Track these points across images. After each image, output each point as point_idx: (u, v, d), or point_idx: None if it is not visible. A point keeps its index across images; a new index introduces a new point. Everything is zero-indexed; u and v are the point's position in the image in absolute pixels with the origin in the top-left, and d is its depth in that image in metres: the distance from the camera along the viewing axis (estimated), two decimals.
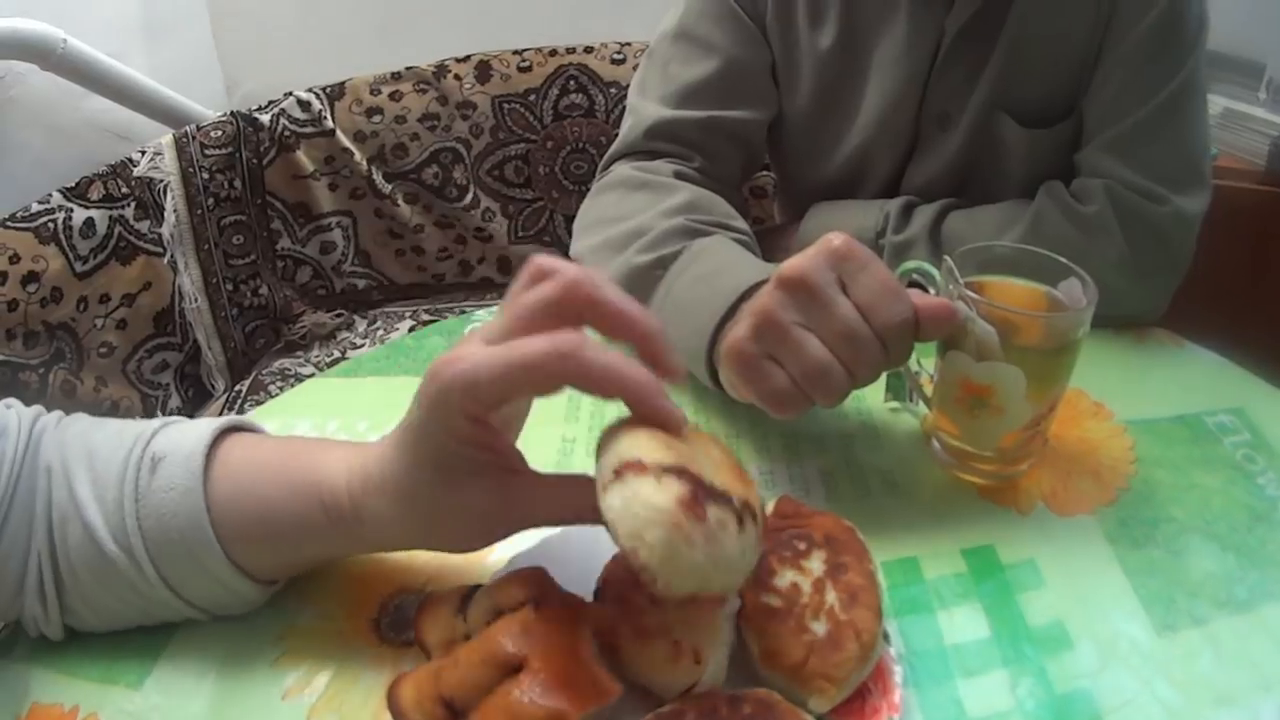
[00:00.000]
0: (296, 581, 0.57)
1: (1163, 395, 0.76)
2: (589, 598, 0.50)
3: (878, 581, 0.52)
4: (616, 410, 0.45)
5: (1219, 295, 1.35)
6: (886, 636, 0.52)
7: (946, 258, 0.61)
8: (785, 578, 0.51)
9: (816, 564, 0.52)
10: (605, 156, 0.95)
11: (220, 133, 1.44)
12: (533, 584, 0.48)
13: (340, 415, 0.75)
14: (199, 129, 1.43)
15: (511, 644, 0.45)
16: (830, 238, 0.58)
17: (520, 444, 0.52)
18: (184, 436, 0.53)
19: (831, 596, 0.50)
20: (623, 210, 0.82)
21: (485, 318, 0.88)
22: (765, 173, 1.45)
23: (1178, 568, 0.60)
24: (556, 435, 0.72)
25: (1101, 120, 0.86)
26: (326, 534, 0.50)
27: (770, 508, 0.56)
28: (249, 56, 2.00)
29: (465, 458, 0.46)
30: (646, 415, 0.44)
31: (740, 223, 0.81)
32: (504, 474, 0.48)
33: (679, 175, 0.87)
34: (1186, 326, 0.86)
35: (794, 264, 0.57)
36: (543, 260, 0.46)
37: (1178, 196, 0.82)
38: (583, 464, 0.69)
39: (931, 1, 0.87)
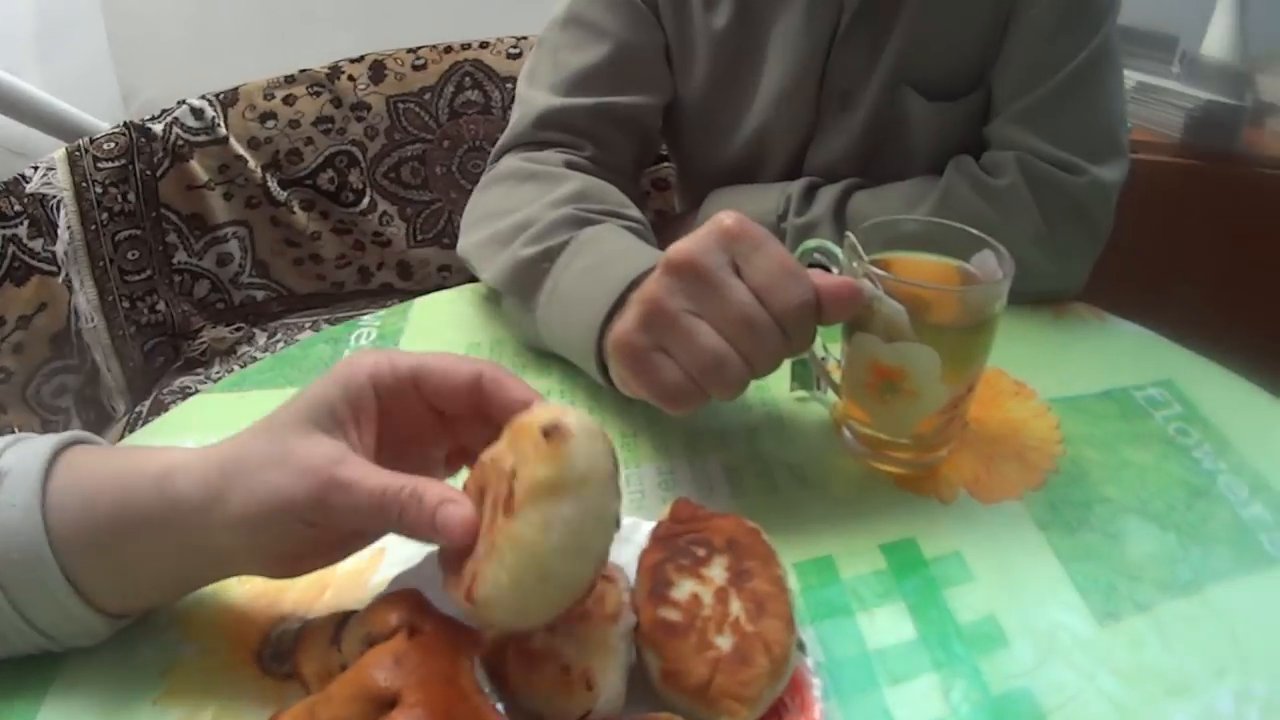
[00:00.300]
0: (179, 614, 0.54)
1: (1087, 371, 0.74)
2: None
3: (787, 587, 0.48)
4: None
5: (1136, 268, 1.36)
6: (802, 646, 0.47)
7: (849, 234, 0.57)
8: (684, 589, 0.47)
9: (718, 572, 0.47)
10: (495, 149, 0.91)
11: (113, 145, 1.39)
12: (406, 608, 0.44)
13: (225, 432, 0.70)
14: (92, 142, 1.39)
15: (383, 677, 0.41)
16: (721, 217, 0.54)
17: None
18: (28, 452, 0.50)
19: (736, 607, 0.46)
20: (510, 203, 0.79)
21: (374, 324, 0.84)
22: (667, 164, 1.44)
23: (1115, 551, 0.57)
24: None
25: (1012, 92, 0.84)
26: (158, 525, 0.47)
27: (666, 512, 0.52)
28: (146, 64, 1.98)
29: (335, 416, 0.46)
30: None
31: (633, 211, 0.77)
32: (355, 451, 0.46)
33: (570, 165, 0.84)
34: (1104, 300, 0.84)
35: (682, 246, 0.53)
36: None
37: (1094, 166, 0.81)
38: None
39: None
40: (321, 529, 0.45)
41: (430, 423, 0.50)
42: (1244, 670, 0.50)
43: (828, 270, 0.60)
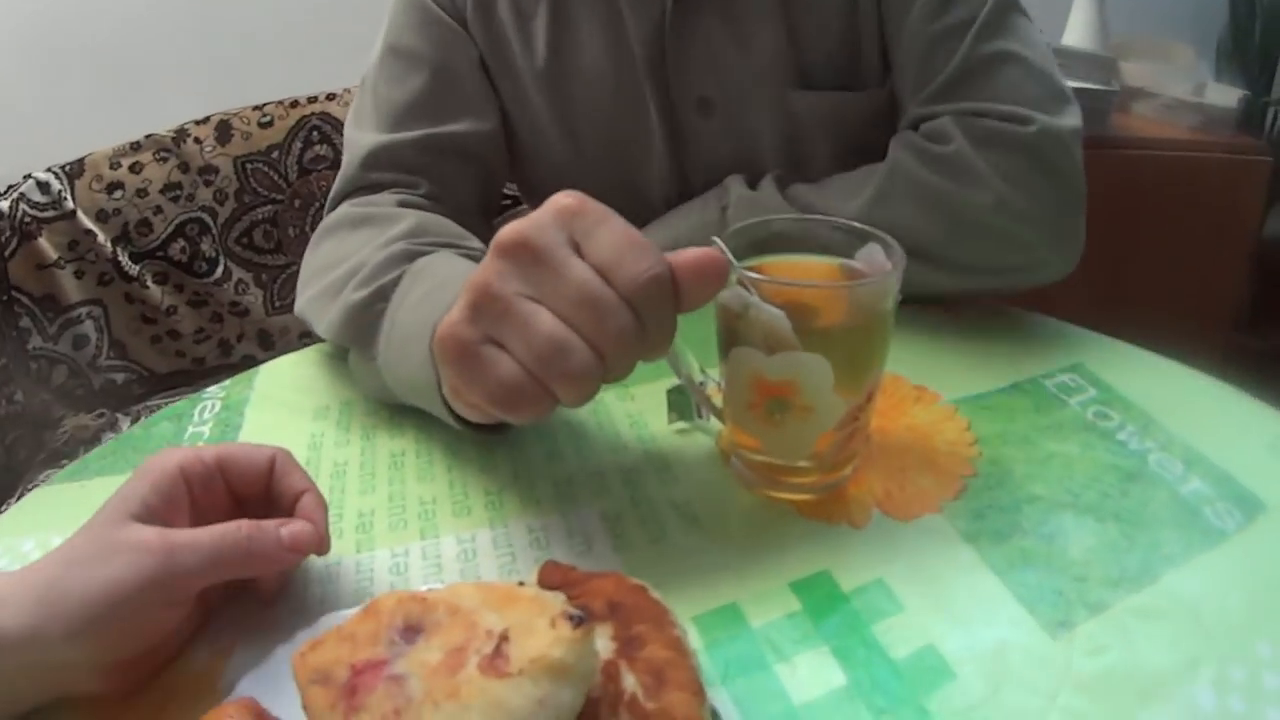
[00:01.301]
0: None
1: (990, 366, 0.70)
2: None
3: (688, 649, 0.41)
4: None
5: None
6: (715, 715, 0.42)
7: (715, 238, 0.51)
8: None
9: (603, 643, 0.41)
10: (329, 199, 0.85)
11: None
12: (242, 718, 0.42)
13: (66, 527, 0.62)
14: None
15: None
16: (558, 196, 0.48)
17: None
18: None
19: (631, 681, 0.39)
20: (343, 251, 0.73)
21: (219, 394, 0.77)
22: (524, 206, 1.44)
23: (1054, 553, 0.52)
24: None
25: (923, 72, 0.78)
26: None
27: (532, 578, 0.46)
28: None
29: (149, 509, 0.47)
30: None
31: (473, 241, 0.72)
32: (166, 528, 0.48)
33: (404, 205, 0.78)
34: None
35: (514, 226, 0.47)
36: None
37: (1041, 114, 0.72)
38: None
39: None
40: (173, 603, 0.46)
41: (229, 510, 0.51)
42: (1218, 657, 0.45)
43: None
